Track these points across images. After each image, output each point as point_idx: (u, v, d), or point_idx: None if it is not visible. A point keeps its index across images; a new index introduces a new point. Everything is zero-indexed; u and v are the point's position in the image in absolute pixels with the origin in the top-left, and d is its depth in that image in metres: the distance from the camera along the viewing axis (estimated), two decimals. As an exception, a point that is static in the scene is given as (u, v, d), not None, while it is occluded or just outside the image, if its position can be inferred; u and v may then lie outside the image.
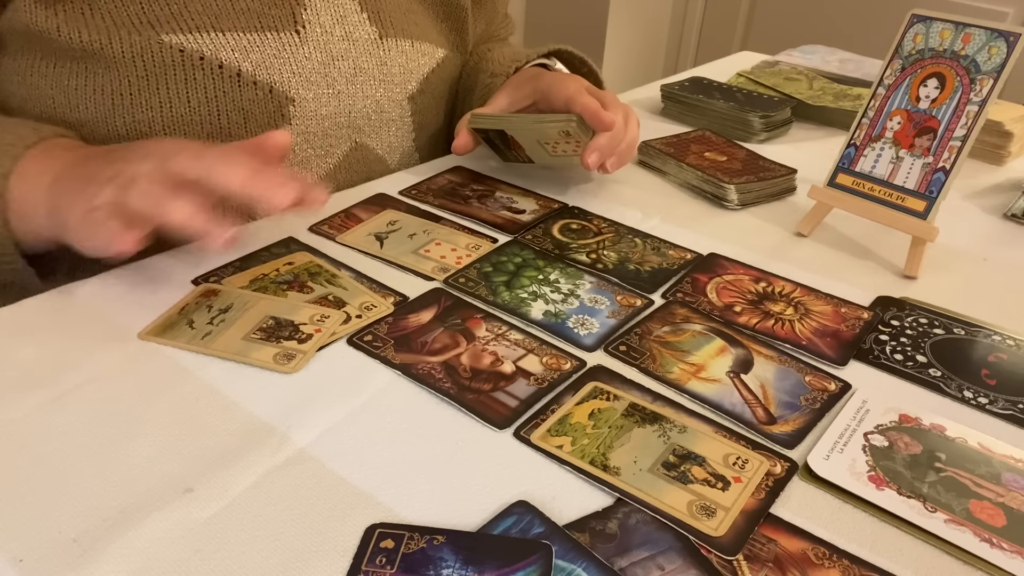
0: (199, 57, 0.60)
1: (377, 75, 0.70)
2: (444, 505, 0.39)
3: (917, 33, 0.63)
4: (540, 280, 0.58)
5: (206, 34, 0.60)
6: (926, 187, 0.62)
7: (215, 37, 0.60)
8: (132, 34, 0.59)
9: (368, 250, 0.61)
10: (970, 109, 0.60)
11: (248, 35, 0.62)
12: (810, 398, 0.48)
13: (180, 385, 0.46)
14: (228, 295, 0.53)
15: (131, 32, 0.59)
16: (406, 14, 0.73)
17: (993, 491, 0.42)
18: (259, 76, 0.62)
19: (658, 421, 0.45)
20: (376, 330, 0.51)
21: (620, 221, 0.68)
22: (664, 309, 0.56)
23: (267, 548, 0.36)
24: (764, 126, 0.88)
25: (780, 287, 0.59)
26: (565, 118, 0.66)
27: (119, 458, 0.41)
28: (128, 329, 0.50)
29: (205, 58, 0.60)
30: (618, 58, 2.45)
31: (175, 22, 0.60)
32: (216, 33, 0.61)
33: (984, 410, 0.49)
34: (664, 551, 0.37)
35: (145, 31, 0.59)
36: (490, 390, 0.47)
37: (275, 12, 0.64)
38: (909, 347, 0.54)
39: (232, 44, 0.61)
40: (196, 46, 0.60)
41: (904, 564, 0.38)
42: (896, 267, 0.64)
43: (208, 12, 0.61)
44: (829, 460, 0.43)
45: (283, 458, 0.41)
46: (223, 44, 0.61)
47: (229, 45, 0.61)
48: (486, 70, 0.81)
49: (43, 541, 0.36)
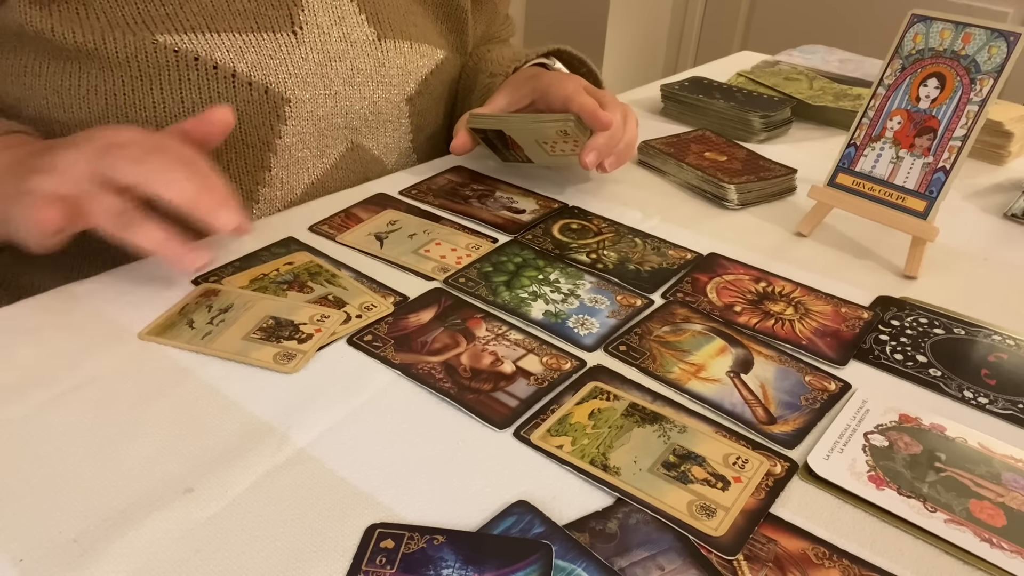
0: (193, 58, 0.60)
1: (375, 76, 0.70)
2: (444, 505, 0.39)
3: (917, 33, 0.63)
4: (540, 280, 0.58)
5: (201, 35, 0.60)
6: (926, 187, 0.62)
7: (210, 38, 0.60)
8: (127, 34, 0.59)
9: (368, 250, 0.61)
10: (970, 109, 0.60)
11: (244, 36, 0.62)
12: (810, 398, 0.48)
13: (180, 385, 0.46)
14: (228, 295, 0.53)
15: (125, 32, 0.59)
16: (405, 15, 0.73)
17: (993, 491, 0.42)
18: (254, 77, 0.62)
19: (658, 421, 0.45)
20: (376, 330, 0.51)
21: (620, 221, 0.68)
22: (664, 309, 0.56)
23: (267, 548, 0.36)
24: (764, 126, 0.88)
25: (780, 287, 0.59)
26: (563, 118, 0.66)
27: (119, 458, 0.41)
28: (128, 329, 0.50)
29: (200, 59, 0.60)
30: (618, 58, 2.45)
31: (170, 22, 0.59)
32: (211, 34, 0.60)
33: (984, 410, 0.49)
34: (664, 551, 0.37)
35: (140, 31, 0.59)
36: (490, 390, 0.47)
37: (272, 13, 0.64)
38: (909, 347, 0.54)
39: (227, 45, 0.61)
40: (191, 47, 0.60)
41: (904, 564, 0.38)
42: (896, 267, 0.64)
43: (203, 13, 0.61)
44: (829, 460, 0.43)
45: (283, 458, 0.41)
46: (218, 45, 0.60)
47: (224, 46, 0.61)
48: (485, 70, 0.81)
49: (43, 541, 0.36)
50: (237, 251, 0.59)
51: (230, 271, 0.56)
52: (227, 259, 0.58)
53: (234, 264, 0.57)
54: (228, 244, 0.59)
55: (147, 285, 0.54)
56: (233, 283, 0.55)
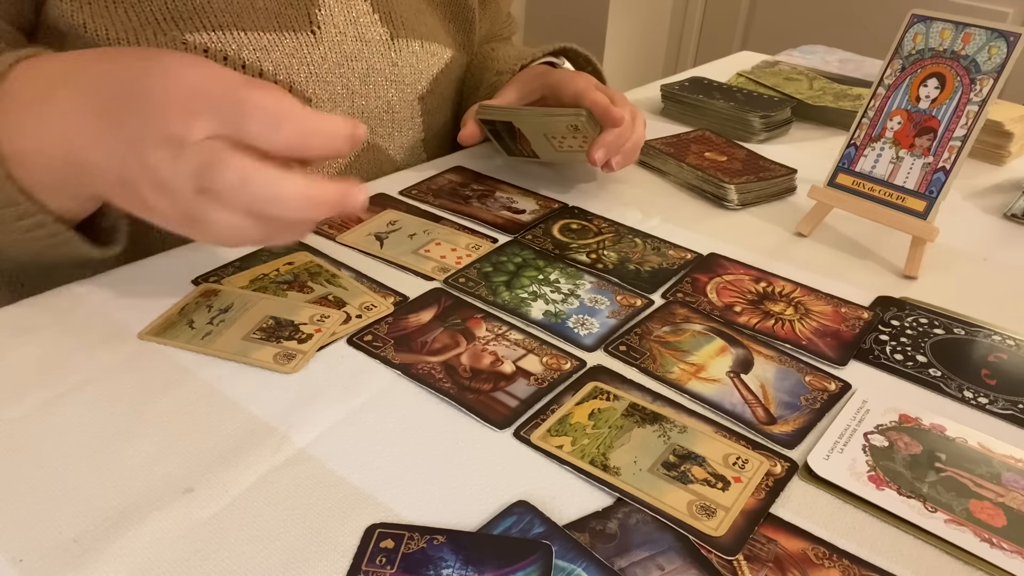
0: (223, 57, 0.60)
1: (389, 75, 0.70)
2: (444, 505, 0.39)
3: (917, 33, 0.63)
4: (540, 280, 0.58)
5: (229, 33, 0.60)
6: (926, 187, 0.62)
7: (237, 36, 0.60)
8: (157, 34, 0.58)
9: (368, 250, 0.61)
10: (970, 109, 0.60)
11: (267, 35, 0.62)
12: (810, 398, 0.48)
13: (180, 385, 0.46)
14: (228, 295, 0.53)
15: (156, 32, 0.58)
16: (416, 15, 0.74)
17: (993, 491, 0.42)
18: (279, 76, 0.63)
19: (658, 421, 0.45)
20: (376, 330, 0.51)
21: (620, 221, 0.68)
22: (664, 309, 0.56)
23: (267, 548, 0.36)
24: (764, 126, 0.88)
25: (780, 287, 0.59)
26: (575, 112, 0.66)
27: (119, 458, 0.41)
28: (128, 329, 0.50)
29: (229, 58, 0.60)
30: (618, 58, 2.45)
31: (198, 19, 0.59)
32: (238, 32, 0.60)
33: (984, 410, 0.49)
34: (664, 551, 0.37)
35: (170, 30, 0.59)
36: (490, 390, 0.47)
37: (291, 12, 0.64)
38: (909, 347, 0.54)
39: (253, 43, 0.61)
40: (220, 46, 0.60)
41: (904, 564, 0.38)
42: (896, 267, 0.64)
43: (229, 10, 0.61)
44: (829, 460, 0.43)
45: (283, 458, 0.41)
46: (245, 43, 0.61)
47: (251, 44, 0.61)
48: (491, 68, 0.81)
49: (43, 541, 0.36)
50: (237, 251, 0.59)
51: (230, 271, 0.56)
52: (227, 259, 0.58)
53: (234, 264, 0.57)
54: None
55: (147, 285, 0.54)
56: (233, 283, 0.55)
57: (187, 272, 0.56)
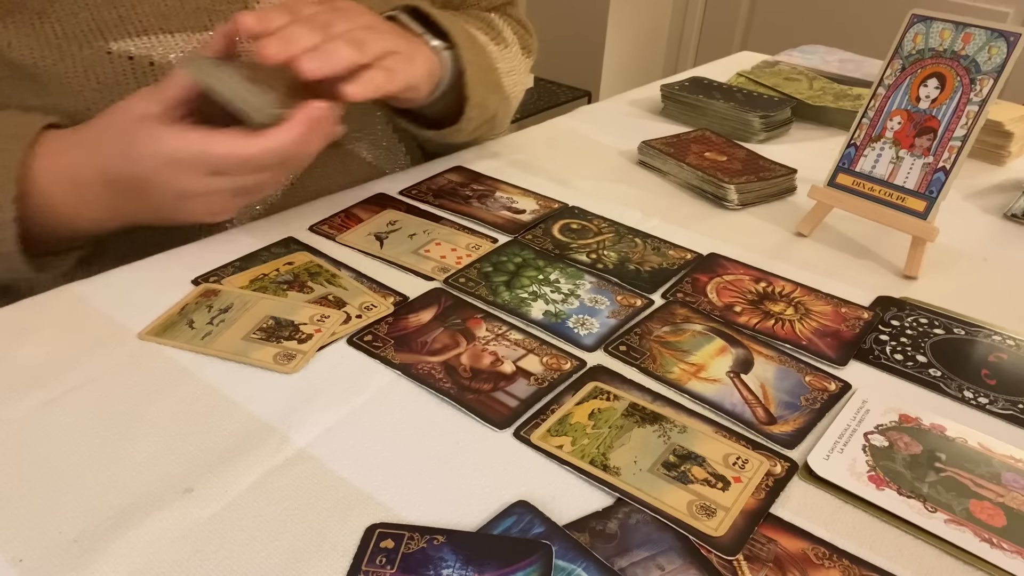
0: (148, 63, 0.57)
1: None
2: (444, 505, 0.39)
3: (917, 33, 0.63)
4: (540, 280, 0.58)
5: (154, 36, 0.57)
6: (926, 187, 0.62)
7: (164, 39, 0.58)
8: (83, 48, 0.56)
9: (368, 250, 0.61)
10: (970, 109, 0.60)
11: (198, 35, 0.59)
12: (810, 398, 0.48)
13: (180, 385, 0.46)
14: (228, 295, 0.53)
15: (81, 46, 0.56)
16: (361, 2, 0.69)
17: (993, 491, 0.42)
18: None
19: (658, 421, 0.45)
20: (376, 330, 0.51)
21: (620, 221, 0.68)
22: (664, 309, 0.56)
23: (267, 548, 0.36)
24: (764, 126, 0.88)
25: (780, 287, 0.59)
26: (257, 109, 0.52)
27: (119, 458, 0.41)
28: (128, 329, 0.50)
29: (155, 63, 0.58)
30: (618, 58, 2.45)
31: (123, 26, 0.57)
32: (165, 35, 0.58)
33: (984, 410, 0.49)
34: (664, 551, 0.37)
35: (95, 42, 0.56)
36: (490, 390, 0.47)
37: (226, 8, 0.60)
38: (909, 347, 0.54)
39: (182, 46, 0.58)
40: (144, 51, 0.57)
41: (904, 564, 0.38)
42: (896, 267, 0.64)
43: (156, 13, 0.58)
44: (829, 460, 0.43)
45: (283, 458, 0.41)
46: (172, 46, 0.58)
47: (179, 47, 0.58)
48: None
49: (43, 541, 0.36)
50: (237, 251, 0.59)
51: (230, 271, 0.56)
52: (227, 259, 0.58)
53: (234, 264, 0.57)
54: (227, 244, 0.59)
55: (147, 285, 0.54)
56: (233, 283, 0.55)
57: (187, 272, 0.56)
